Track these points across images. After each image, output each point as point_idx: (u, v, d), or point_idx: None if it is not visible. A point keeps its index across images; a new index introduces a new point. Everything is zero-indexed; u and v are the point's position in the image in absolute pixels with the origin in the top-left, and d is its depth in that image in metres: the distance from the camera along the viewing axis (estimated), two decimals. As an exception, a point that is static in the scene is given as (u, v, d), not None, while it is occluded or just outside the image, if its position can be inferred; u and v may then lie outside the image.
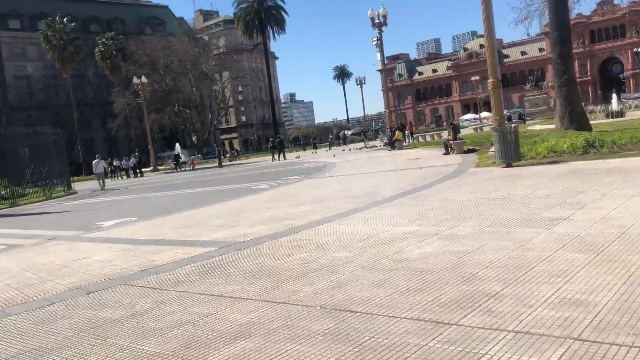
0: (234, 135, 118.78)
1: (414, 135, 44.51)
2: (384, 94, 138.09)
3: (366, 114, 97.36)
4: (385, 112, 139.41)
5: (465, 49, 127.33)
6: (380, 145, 40.32)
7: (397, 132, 32.47)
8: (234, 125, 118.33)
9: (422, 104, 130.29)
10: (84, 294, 6.04)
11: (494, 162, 14.49)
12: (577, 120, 20.29)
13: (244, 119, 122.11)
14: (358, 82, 72.63)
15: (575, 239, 5.69)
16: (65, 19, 66.69)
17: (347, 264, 5.85)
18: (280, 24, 76.46)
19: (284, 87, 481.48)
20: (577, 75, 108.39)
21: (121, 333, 4.49)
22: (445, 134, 44.22)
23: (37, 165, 28.53)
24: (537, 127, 34.26)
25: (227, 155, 59.35)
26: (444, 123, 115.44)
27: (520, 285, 4.47)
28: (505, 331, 3.57)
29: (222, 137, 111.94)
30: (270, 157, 42.87)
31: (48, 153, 29.18)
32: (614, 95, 42.26)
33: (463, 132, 46.79)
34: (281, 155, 41.26)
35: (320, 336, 3.86)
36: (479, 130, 46.53)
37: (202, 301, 5.16)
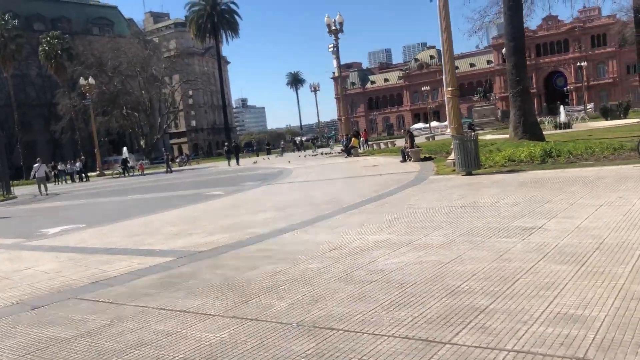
0: (184, 139, 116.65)
1: (369, 143, 44.65)
2: (337, 101, 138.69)
3: (320, 121, 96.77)
4: (337, 119, 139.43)
5: (416, 60, 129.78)
6: (334, 152, 40.23)
7: (353, 139, 32.38)
8: (183, 129, 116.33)
9: (374, 112, 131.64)
10: (28, 309, 5.46)
11: (454, 170, 14.46)
12: (530, 130, 20.63)
13: (194, 123, 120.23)
14: (312, 89, 72.58)
15: (554, 250, 5.53)
16: (7, 16, 63.79)
17: (320, 276, 5.50)
18: (233, 28, 75.50)
19: (236, 92, 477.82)
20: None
21: (72, 355, 3.99)
22: (399, 142, 44.63)
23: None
24: (489, 137, 34.86)
25: (177, 160, 57.99)
26: (396, 131, 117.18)
27: (508, 299, 4.23)
28: (505, 350, 3.30)
29: (171, 141, 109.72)
30: (223, 162, 42.13)
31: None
32: (562, 107, 43.66)
33: (416, 140, 47.40)
34: (237, 160, 40.52)
35: (301, 358, 3.50)
36: (431, 139, 47.15)
37: (164, 317, 4.69)
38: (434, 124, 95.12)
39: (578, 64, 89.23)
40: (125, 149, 58.62)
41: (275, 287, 5.28)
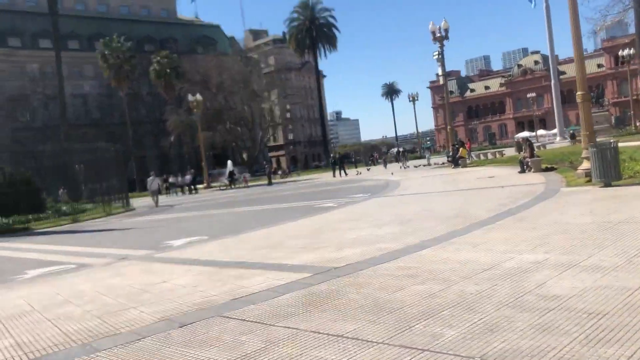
0: (281, 152, 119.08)
1: (472, 154, 43.04)
2: (434, 111, 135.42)
3: (419, 131, 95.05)
4: (435, 129, 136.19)
5: (519, 66, 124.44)
6: (437, 164, 39.13)
7: (461, 149, 31.20)
8: (281, 142, 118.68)
9: (474, 121, 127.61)
10: (176, 326, 5.31)
11: (588, 181, 13.27)
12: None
13: (291, 136, 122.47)
14: (410, 99, 71.47)
15: None
16: (122, 38, 68.37)
17: (483, 301, 4.92)
18: (331, 42, 76.32)
19: (330, 104, 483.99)
20: (639, 91, 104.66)
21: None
22: (508, 152, 42.67)
23: (96, 181, 28.64)
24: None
25: (280, 173, 59.06)
26: (498, 141, 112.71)
27: None
28: None
29: (270, 154, 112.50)
30: (323, 174, 42.52)
31: (107, 169, 29.29)
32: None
33: (511, 151, 45.12)
34: (342, 171, 41.07)
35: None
36: (542, 148, 44.57)
37: (322, 343, 4.31)
38: (540, 132, 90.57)
39: None
40: (229, 162, 60.59)
41: (435, 311, 4.77)
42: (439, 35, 33.30)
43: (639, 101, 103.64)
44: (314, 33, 73.47)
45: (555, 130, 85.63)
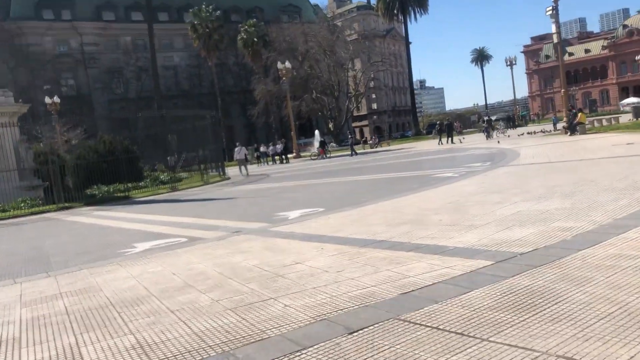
0: (364, 122, 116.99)
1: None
2: (529, 77, 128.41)
3: (515, 97, 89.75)
4: (529, 96, 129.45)
5: (625, 26, 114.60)
6: (545, 131, 36.03)
7: (580, 114, 28.16)
8: (364, 112, 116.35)
9: (572, 87, 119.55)
10: (341, 332, 3.92)
11: None
12: None
13: (375, 106, 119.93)
14: (508, 63, 67.09)
15: None
16: (210, 8, 68.42)
17: None
18: (422, 4, 72.74)
19: (414, 73, 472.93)
20: None
21: None
22: (623, 119, 38.68)
23: (192, 150, 28.27)
24: None
25: (370, 142, 57.28)
26: (599, 108, 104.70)
27: None
28: None
29: (353, 124, 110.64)
30: (417, 143, 41.00)
31: (203, 137, 28.82)
32: None
33: (627, 117, 40.87)
34: (450, 139, 41.19)
35: None
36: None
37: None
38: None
39: None
40: (317, 131, 59.60)
41: None
42: (553, -12, 30.01)
43: None
44: (403, -5, 70.24)
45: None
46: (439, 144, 40.54)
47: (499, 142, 30.10)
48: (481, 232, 6.67)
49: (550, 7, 30.38)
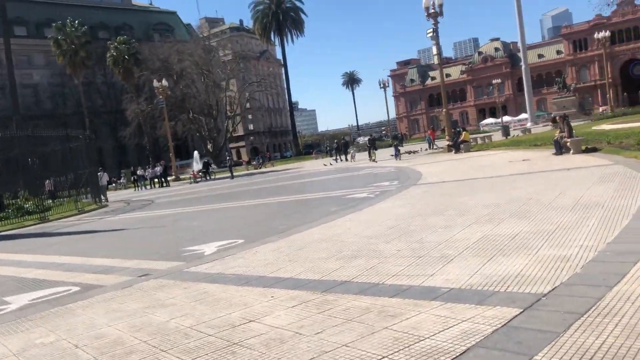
0: (242, 143, 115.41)
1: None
2: (396, 100, 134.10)
3: (379, 120, 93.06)
4: (397, 118, 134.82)
5: (480, 53, 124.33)
6: (417, 151, 37.16)
7: (464, 132, 29.04)
8: (241, 133, 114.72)
9: (436, 109, 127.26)
10: None
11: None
12: None
13: (251, 127, 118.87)
14: (381, 86, 69.32)
15: None
16: (76, 22, 63.48)
17: None
18: (298, 27, 73.15)
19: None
20: (597, 77, 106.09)
21: None
22: (495, 137, 40.96)
23: (62, 174, 25.06)
24: (607, 127, 31.03)
25: (254, 163, 55.79)
26: (460, 128, 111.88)
27: None
28: None
29: (230, 145, 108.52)
30: (303, 163, 40.53)
31: (74, 160, 25.65)
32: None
33: (497, 136, 43.52)
34: (345, 156, 42.73)
35: None
36: (526, 133, 43.21)
37: None
38: (506, 118, 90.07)
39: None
40: (196, 152, 57.13)
41: None
42: (432, 11, 30.97)
43: (596, 87, 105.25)
44: (280, 17, 70.11)
45: (523, 116, 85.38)
46: (336, 161, 41.65)
47: (373, 161, 30.51)
48: (462, 264, 5.70)
49: (431, 30, 31.31)
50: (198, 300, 5.92)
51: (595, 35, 67.84)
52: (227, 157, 55.72)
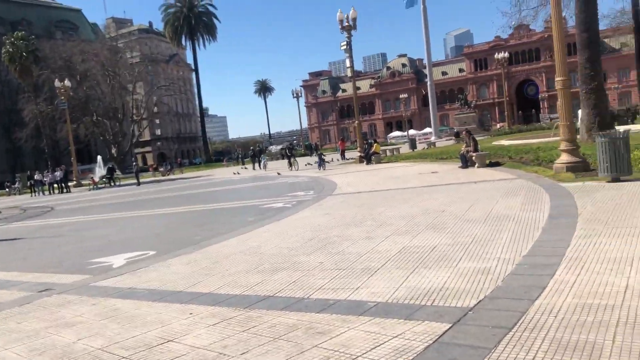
0: (148, 149, 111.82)
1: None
2: (308, 110, 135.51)
3: (290, 129, 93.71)
4: (308, 128, 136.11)
5: (388, 68, 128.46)
6: (333, 161, 37.52)
7: (375, 145, 29.65)
8: (147, 138, 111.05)
9: (346, 120, 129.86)
10: None
11: (591, 178, 11.96)
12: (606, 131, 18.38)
13: (159, 132, 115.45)
14: (295, 95, 69.66)
15: None
16: (-34, 15, 58.73)
17: None
18: (210, 32, 71.94)
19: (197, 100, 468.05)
20: (495, 95, 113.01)
21: None
22: (403, 149, 42.19)
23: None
24: (506, 142, 32.88)
25: (161, 170, 53.87)
26: (370, 140, 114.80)
27: None
28: None
29: (135, 150, 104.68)
30: (213, 170, 39.70)
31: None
32: (579, 112, 42.07)
33: (404, 148, 44.87)
34: (260, 164, 41.88)
35: None
36: (432, 147, 44.91)
37: None
38: (411, 131, 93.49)
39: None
40: (100, 157, 54.40)
41: None
42: (346, 24, 31.51)
43: (495, 104, 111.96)
44: (192, 21, 68.62)
45: (428, 130, 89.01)
46: (253, 169, 41.64)
47: (285, 170, 30.56)
48: (386, 277, 5.68)
49: (345, 42, 31.81)
50: (109, 318, 5.49)
51: (496, 56, 71.97)
52: (133, 163, 53.43)
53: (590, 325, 3.76)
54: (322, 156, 31.67)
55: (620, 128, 15.85)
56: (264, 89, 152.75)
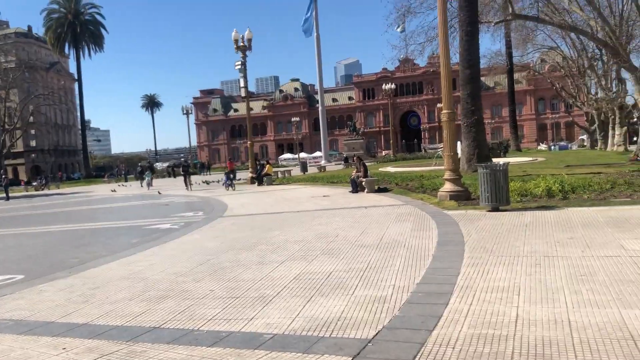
0: (21, 161, 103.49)
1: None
2: (197, 127, 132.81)
3: (178, 146, 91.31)
4: (197, 146, 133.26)
5: (281, 91, 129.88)
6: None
7: (267, 166, 29.46)
8: (20, 149, 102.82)
9: (237, 141, 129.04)
10: None
11: (468, 206, 12.59)
12: (485, 163, 19.63)
13: (34, 143, 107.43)
14: (184, 112, 67.94)
15: None
16: None
17: None
18: (97, 42, 68.49)
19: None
20: (381, 124, 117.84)
21: None
22: (294, 171, 42.41)
23: None
24: (392, 169, 34.12)
25: (35, 184, 49.87)
26: (261, 160, 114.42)
27: None
28: None
29: (5, 162, 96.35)
30: (94, 186, 37.20)
31: None
32: (459, 143, 44.72)
33: (296, 170, 45.25)
34: (141, 182, 39.75)
35: None
36: (322, 170, 45.63)
37: None
38: (302, 154, 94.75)
39: (438, 105, 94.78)
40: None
41: None
42: (242, 44, 31.34)
43: (380, 132, 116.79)
44: (77, 29, 64.95)
45: (318, 153, 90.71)
46: (141, 186, 39.15)
47: (188, 190, 29.40)
48: (282, 306, 5.47)
49: (239, 62, 31.57)
50: (-36, 354, 4.77)
51: (384, 86, 75.04)
52: (3, 176, 49.03)
53: (487, 357, 3.80)
54: (230, 175, 28.70)
55: (500, 160, 17.01)
56: (151, 103, 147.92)
